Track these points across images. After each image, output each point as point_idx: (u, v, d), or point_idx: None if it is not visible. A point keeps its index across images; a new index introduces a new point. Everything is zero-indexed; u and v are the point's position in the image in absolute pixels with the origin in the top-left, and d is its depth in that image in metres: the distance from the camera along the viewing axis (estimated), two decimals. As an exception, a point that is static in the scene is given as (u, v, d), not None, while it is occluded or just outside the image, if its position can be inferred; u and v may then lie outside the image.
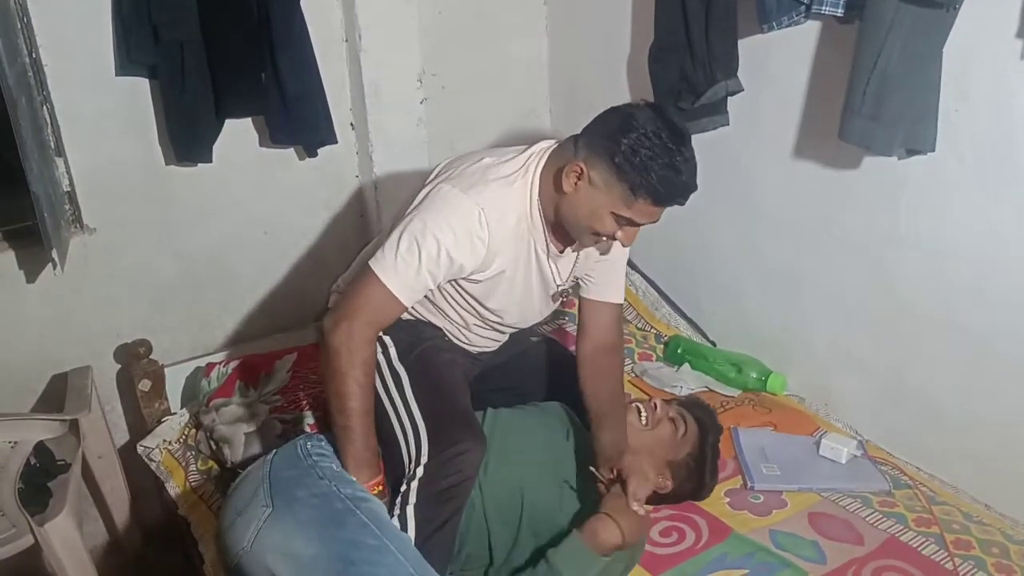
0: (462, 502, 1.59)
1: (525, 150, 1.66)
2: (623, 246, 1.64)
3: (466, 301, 1.73)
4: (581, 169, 1.52)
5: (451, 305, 1.76)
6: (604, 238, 1.60)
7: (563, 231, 1.66)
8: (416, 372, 1.70)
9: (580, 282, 1.82)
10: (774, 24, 1.81)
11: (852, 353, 2.11)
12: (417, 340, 1.76)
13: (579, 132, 1.57)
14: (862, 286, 2.04)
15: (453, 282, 1.68)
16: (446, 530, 1.57)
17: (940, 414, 1.94)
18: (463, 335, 1.82)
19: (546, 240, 1.67)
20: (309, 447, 1.61)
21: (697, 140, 2.15)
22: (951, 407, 1.92)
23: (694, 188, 1.53)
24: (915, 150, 1.76)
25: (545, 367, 1.98)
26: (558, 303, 1.88)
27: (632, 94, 2.45)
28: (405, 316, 1.79)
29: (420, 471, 1.59)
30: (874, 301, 2.02)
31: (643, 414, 1.76)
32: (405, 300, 1.59)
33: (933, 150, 1.74)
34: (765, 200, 2.21)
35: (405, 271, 1.56)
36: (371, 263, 1.58)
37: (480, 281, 1.66)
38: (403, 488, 1.59)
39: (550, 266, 1.72)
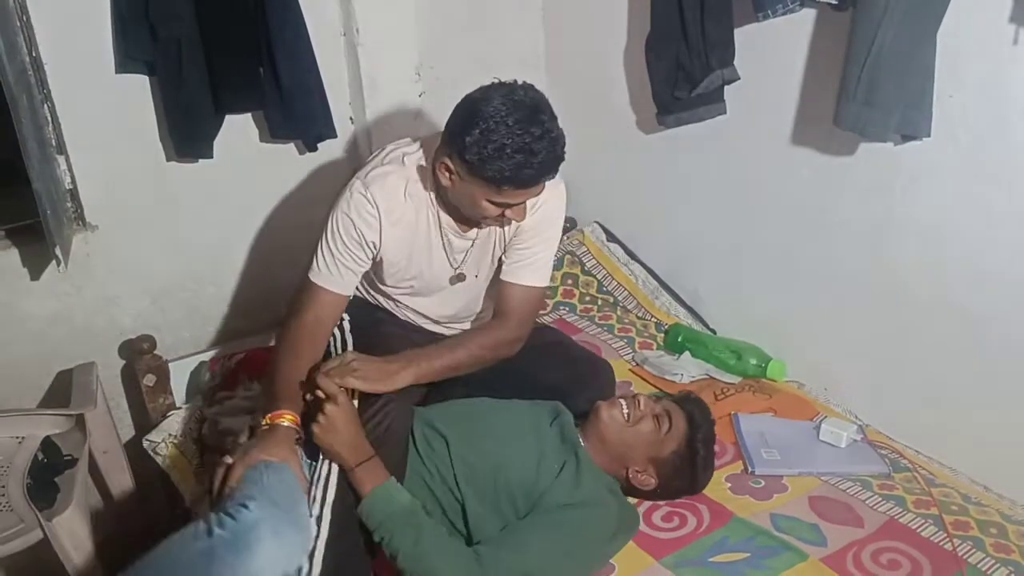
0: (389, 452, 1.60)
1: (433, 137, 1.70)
2: (518, 221, 1.66)
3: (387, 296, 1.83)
4: (447, 166, 1.58)
5: (389, 299, 1.85)
6: (501, 216, 1.62)
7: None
8: (362, 340, 1.78)
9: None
10: (769, 12, 1.82)
11: (850, 338, 2.12)
12: (372, 317, 1.87)
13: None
14: (859, 271, 2.05)
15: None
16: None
17: (938, 397, 1.96)
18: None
19: (439, 218, 1.71)
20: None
21: (694, 129, 2.20)
22: (949, 390, 1.93)
23: (558, 159, 1.53)
24: (910, 135, 1.77)
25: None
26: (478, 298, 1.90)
27: (629, 85, 2.46)
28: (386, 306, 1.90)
29: None
30: (871, 286, 2.04)
31: (625, 410, 1.72)
32: (338, 290, 1.71)
33: (928, 135, 1.75)
34: (762, 188, 2.22)
35: (326, 267, 1.70)
36: (308, 272, 1.72)
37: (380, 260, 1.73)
38: None
39: (445, 242, 1.75)
